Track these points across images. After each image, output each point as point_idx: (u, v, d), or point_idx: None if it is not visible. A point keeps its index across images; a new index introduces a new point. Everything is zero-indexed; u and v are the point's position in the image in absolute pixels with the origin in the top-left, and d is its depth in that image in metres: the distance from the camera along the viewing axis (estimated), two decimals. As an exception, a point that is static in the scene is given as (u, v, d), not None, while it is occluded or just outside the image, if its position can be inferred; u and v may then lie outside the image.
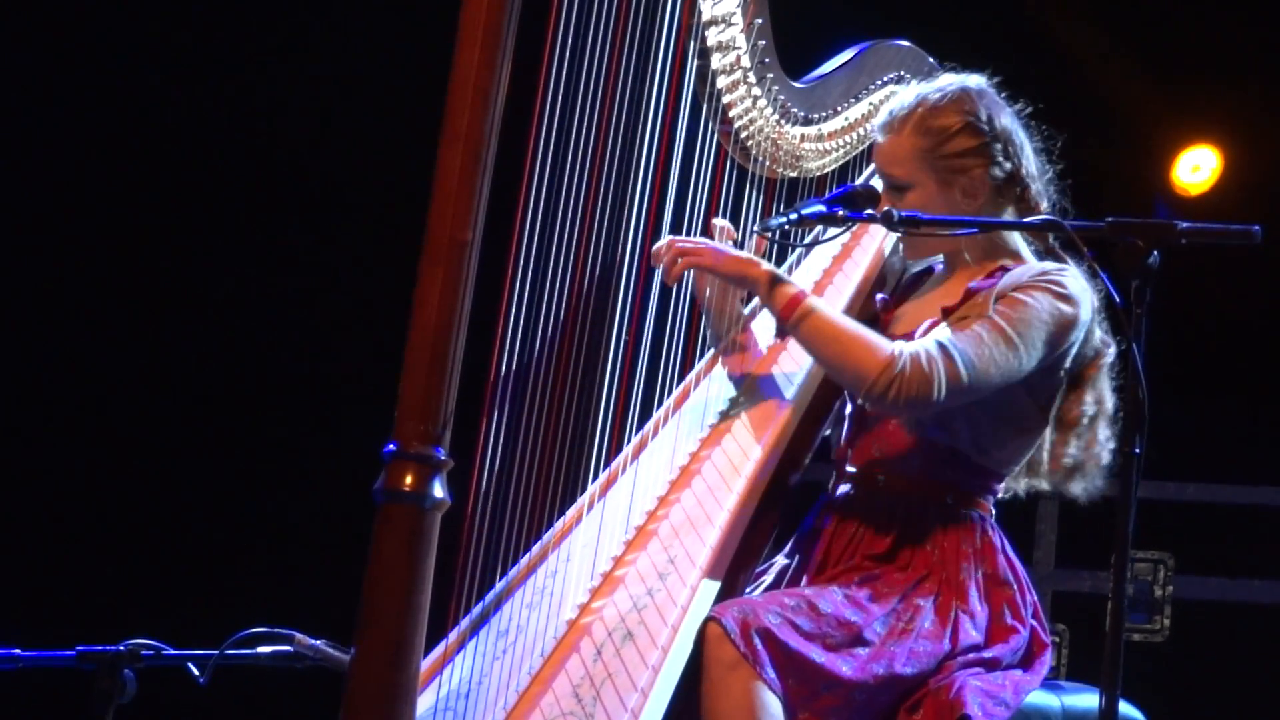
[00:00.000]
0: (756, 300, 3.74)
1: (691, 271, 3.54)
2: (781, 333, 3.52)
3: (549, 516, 3.38)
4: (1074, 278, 3.46)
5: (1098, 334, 3.53)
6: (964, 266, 3.60)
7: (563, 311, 3.26)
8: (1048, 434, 3.55)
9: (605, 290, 3.41)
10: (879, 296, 3.68)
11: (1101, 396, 3.55)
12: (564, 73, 3.17)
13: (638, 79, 3.34)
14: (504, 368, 3.14)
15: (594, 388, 3.35)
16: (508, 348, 3.14)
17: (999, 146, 3.55)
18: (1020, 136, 3.59)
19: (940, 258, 3.68)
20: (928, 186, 3.54)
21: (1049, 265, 3.50)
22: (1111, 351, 3.55)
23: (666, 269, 3.47)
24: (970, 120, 3.55)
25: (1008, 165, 3.55)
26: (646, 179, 3.40)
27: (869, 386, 3.33)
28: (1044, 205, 3.57)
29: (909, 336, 3.49)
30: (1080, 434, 3.54)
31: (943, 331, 3.39)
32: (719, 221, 3.58)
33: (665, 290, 3.49)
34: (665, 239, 3.49)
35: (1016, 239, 3.59)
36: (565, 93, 3.18)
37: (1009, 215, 3.56)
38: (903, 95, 3.62)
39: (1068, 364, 3.48)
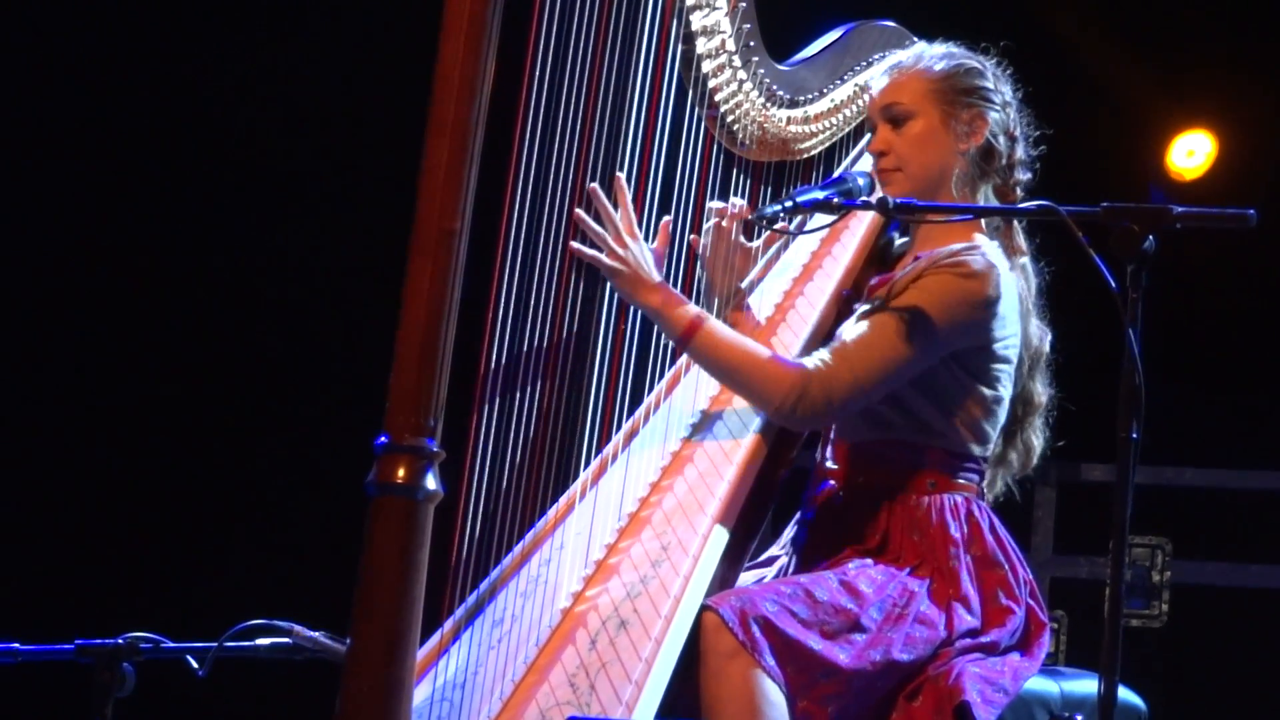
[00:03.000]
0: (753, 275, 3.75)
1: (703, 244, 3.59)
2: (681, 353, 3.53)
3: (542, 504, 3.38)
4: (981, 255, 3.46)
5: (1034, 323, 3.58)
6: (923, 237, 3.61)
7: (553, 299, 3.26)
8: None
9: (595, 276, 3.41)
10: (842, 293, 3.68)
11: (1039, 388, 3.61)
12: (549, 60, 3.17)
13: (623, 65, 3.34)
14: (494, 357, 3.14)
15: (585, 374, 3.35)
16: (498, 337, 3.14)
17: (998, 100, 3.60)
18: (1018, 119, 3.64)
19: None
20: (930, 118, 3.56)
21: (956, 246, 3.50)
22: (1047, 341, 3.61)
23: (579, 234, 3.45)
24: (980, 69, 3.61)
25: (1001, 121, 3.59)
26: (633, 164, 3.40)
27: (775, 408, 3.39)
28: (1019, 195, 3.62)
29: None
30: (1036, 419, 3.60)
31: (840, 337, 3.43)
32: (715, 204, 3.59)
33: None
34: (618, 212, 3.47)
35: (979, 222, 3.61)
36: (551, 80, 3.18)
37: (988, 190, 3.60)
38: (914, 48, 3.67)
39: (1000, 335, 3.48)
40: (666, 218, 3.54)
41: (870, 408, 3.45)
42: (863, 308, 3.50)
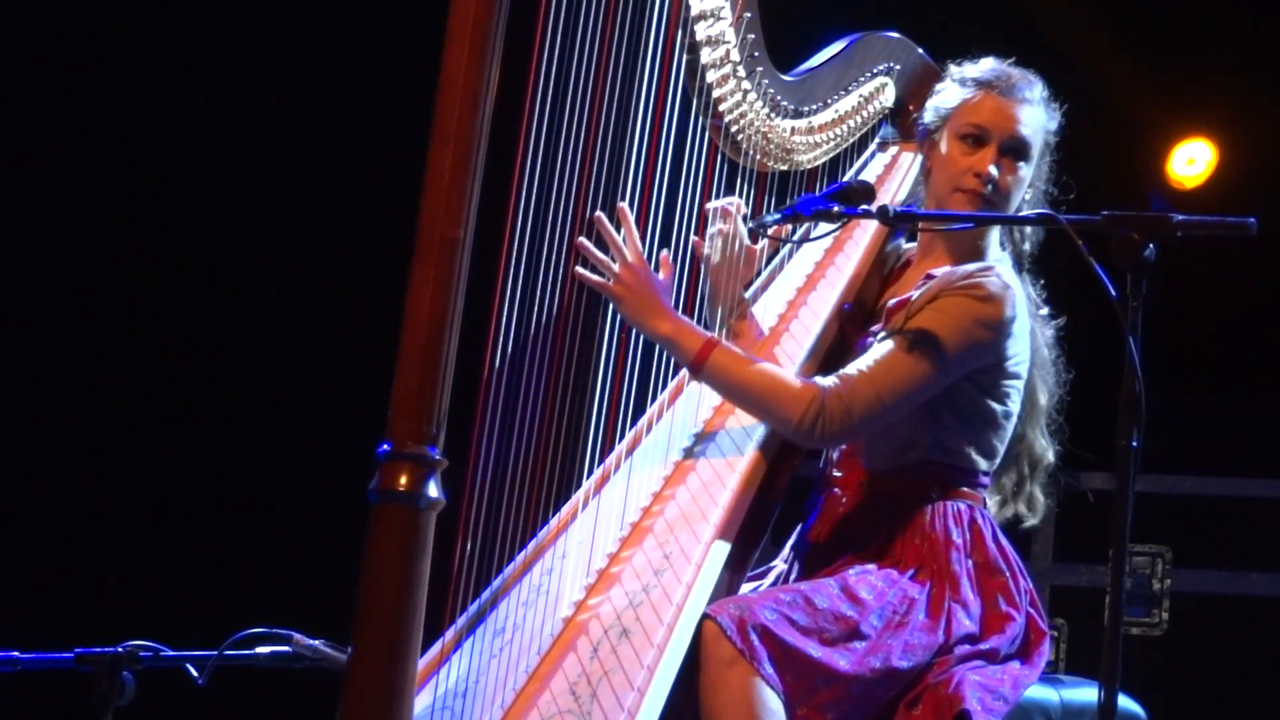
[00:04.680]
0: (757, 285, 3.75)
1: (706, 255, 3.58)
2: (695, 378, 3.53)
3: (544, 514, 3.38)
4: (996, 277, 3.48)
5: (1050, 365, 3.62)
6: (935, 253, 3.62)
7: (556, 307, 3.26)
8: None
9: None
10: (843, 306, 3.69)
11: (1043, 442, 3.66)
12: (554, 69, 3.17)
13: (627, 75, 3.34)
14: (497, 365, 3.14)
15: (588, 383, 3.35)
16: (501, 345, 3.14)
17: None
18: None
19: (913, 247, 3.72)
20: (1033, 165, 3.60)
21: (970, 267, 3.51)
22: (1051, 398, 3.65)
23: (582, 264, 3.44)
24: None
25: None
26: (637, 174, 3.40)
27: (795, 427, 3.38)
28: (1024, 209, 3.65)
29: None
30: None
31: (863, 359, 3.43)
32: (714, 203, 3.59)
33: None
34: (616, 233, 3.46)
35: (993, 236, 3.62)
36: (555, 89, 3.18)
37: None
38: (1001, 66, 3.64)
39: (1011, 353, 3.49)
40: (665, 251, 3.53)
41: (897, 431, 3.46)
42: (880, 330, 3.50)
